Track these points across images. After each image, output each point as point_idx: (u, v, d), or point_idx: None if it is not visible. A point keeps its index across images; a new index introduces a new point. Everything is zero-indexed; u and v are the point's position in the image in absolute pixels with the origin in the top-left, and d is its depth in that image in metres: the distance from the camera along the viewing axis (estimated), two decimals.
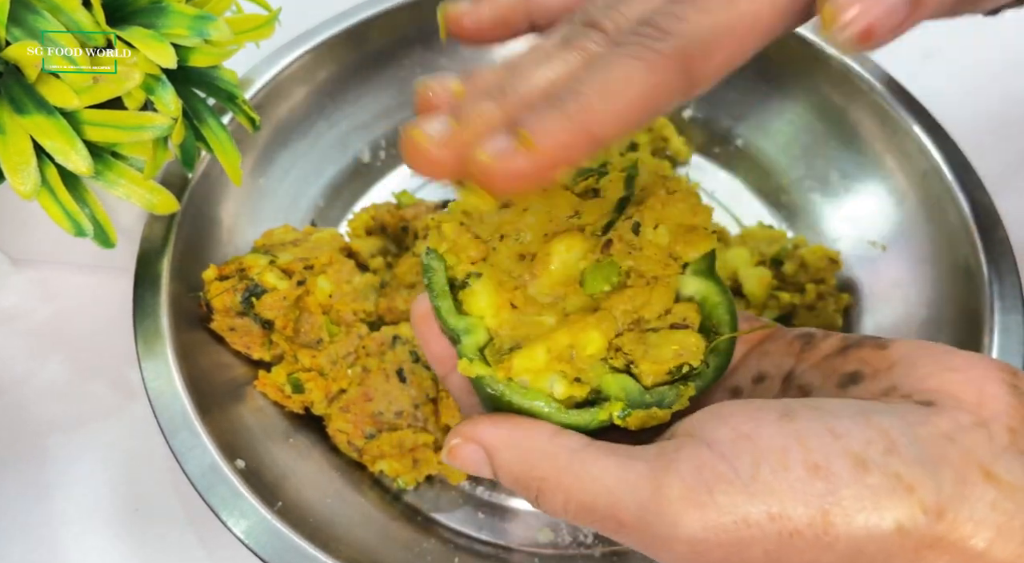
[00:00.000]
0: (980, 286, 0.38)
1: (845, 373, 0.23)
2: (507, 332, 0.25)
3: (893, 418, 0.20)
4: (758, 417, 0.21)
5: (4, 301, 0.47)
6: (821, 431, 0.20)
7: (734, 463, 0.20)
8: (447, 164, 0.21)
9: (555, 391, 0.24)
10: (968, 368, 0.22)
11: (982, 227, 0.39)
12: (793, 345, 0.25)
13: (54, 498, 0.41)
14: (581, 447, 0.22)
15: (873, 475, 0.19)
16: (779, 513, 0.19)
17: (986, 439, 0.20)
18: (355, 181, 0.51)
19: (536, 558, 0.38)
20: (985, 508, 0.19)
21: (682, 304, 0.25)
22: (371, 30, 0.49)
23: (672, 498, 0.20)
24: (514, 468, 0.23)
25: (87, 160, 0.32)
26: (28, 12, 0.31)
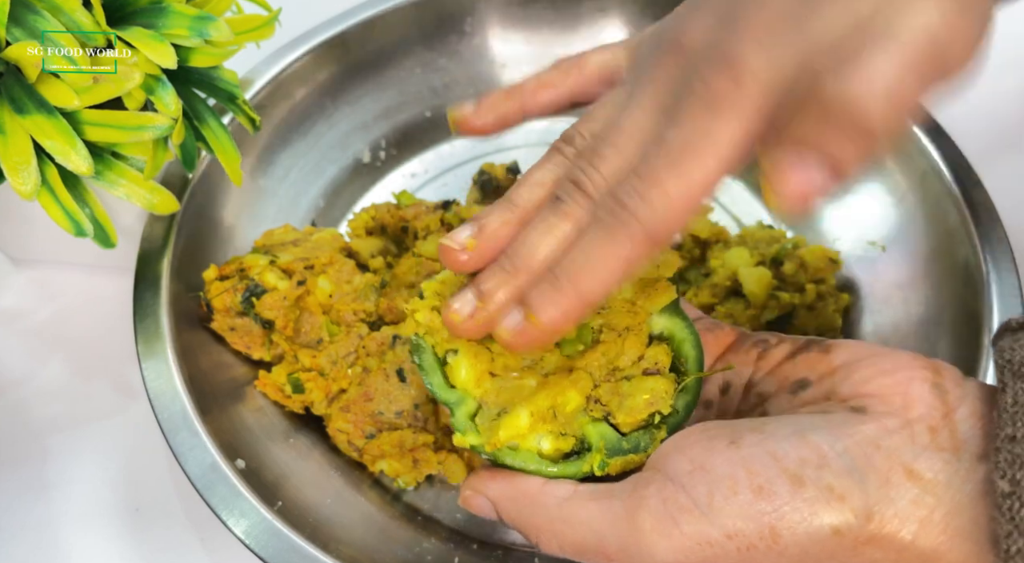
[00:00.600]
0: (980, 286, 0.38)
1: (795, 380, 0.27)
2: (493, 398, 0.28)
3: (825, 432, 0.24)
4: (710, 447, 0.24)
5: (4, 301, 0.47)
6: (763, 455, 0.24)
7: (692, 493, 0.24)
8: (478, 334, 0.27)
9: (543, 447, 0.27)
10: (896, 371, 0.25)
11: (982, 227, 0.39)
12: (750, 354, 0.29)
13: (54, 498, 0.41)
14: (567, 496, 0.26)
15: (808, 490, 0.23)
16: (734, 532, 0.23)
17: (909, 440, 0.23)
18: (355, 181, 0.52)
19: (535, 558, 0.38)
20: (908, 505, 0.22)
21: (653, 348, 0.28)
22: (371, 30, 0.49)
23: (646, 531, 0.24)
24: (514, 518, 0.27)
25: (87, 160, 0.32)
26: (28, 12, 0.31)
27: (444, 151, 0.53)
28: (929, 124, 0.43)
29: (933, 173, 0.42)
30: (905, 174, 0.44)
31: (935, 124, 0.43)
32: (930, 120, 0.44)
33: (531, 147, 0.54)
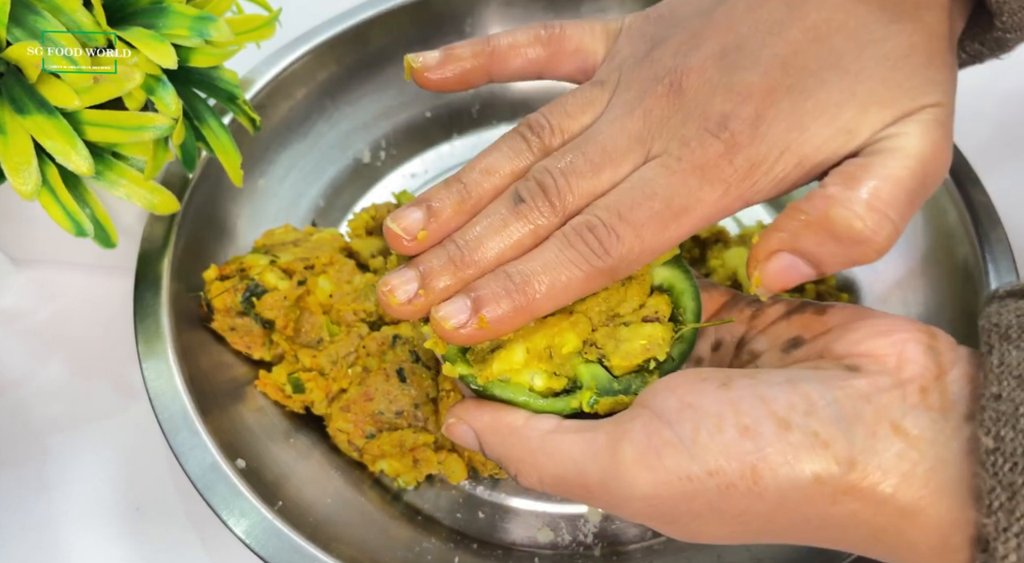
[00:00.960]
0: (979, 286, 0.38)
1: (788, 338, 0.27)
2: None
3: (817, 383, 0.24)
4: (701, 387, 0.24)
5: (4, 301, 0.47)
6: (752, 397, 0.24)
7: (677, 429, 0.24)
8: (415, 317, 0.27)
9: (535, 384, 0.27)
10: (892, 332, 0.25)
11: (981, 227, 0.39)
12: (744, 312, 0.29)
13: (54, 498, 0.41)
14: (551, 429, 0.26)
15: (794, 434, 0.23)
16: (716, 469, 0.23)
17: (899, 398, 0.23)
18: (355, 181, 0.52)
19: (536, 558, 0.38)
20: (892, 458, 0.22)
21: (654, 297, 0.28)
22: (371, 30, 0.49)
23: (627, 463, 0.24)
24: (496, 450, 0.27)
25: (88, 160, 0.32)
26: (29, 12, 0.31)
27: (444, 151, 0.53)
28: None
29: None
30: None
31: None
32: None
33: None
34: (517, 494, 0.41)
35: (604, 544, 0.39)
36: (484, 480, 0.41)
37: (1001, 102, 0.54)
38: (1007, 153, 0.51)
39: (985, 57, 0.32)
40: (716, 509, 0.23)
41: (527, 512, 0.40)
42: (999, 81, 0.55)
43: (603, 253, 0.26)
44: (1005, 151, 0.51)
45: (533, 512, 0.40)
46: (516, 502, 0.40)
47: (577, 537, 0.39)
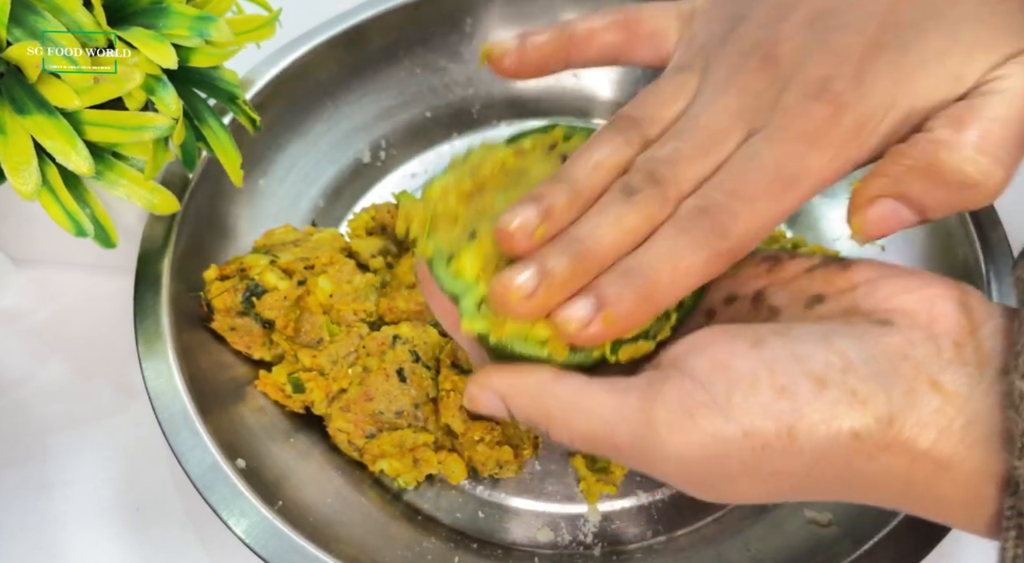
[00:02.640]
0: (979, 286, 0.38)
1: (811, 294, 0.26)
2: None
3: (851, 340, 0.23)
4: (732, 347, 0.24)
5: (4, 301, 0.47)
6: (786, 356, 0.23)
7: (711, 390, 0.23)
8: (536, 316, 0.25)
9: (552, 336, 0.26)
10: (922, 288, 0.24)
11: (981, 227, 0.39)
12: (760, 266, 0.28)
13: (54, 498, 0.41)
14: (580, 386, 0.25)
15: (831, 392, 0.22)
16: (751, 430, 0.22)
17: (934, 353, 0.23)
18: (355, 181, 0.52)
19: (536, 557, 0.38)
20: (929, 413, 0.22)
21: None
22: (371, 31, 0.49)
23: (660, 424, 0.23)
24: (525, 409, 0.26)
25: (88, 160, 0.32)
26: (29, 12, 0.31)
27: (444, 151, 0.53)
28: None
29: None
30: None
31: None
32: None
33: None
34: (517, 494, 0.41)
35: (604, 544, 0.39)
36: (484, 480, 0.41)
37: None
38: None
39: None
40: (750, 469, 0.23)
41: (527, 512, 0.40)
42: None
43: (721, 233, 0.25)
44: None
45: (533, 512, 0.40)
46: (516, 502, 0.40)
47: (577, 537, 0.39)
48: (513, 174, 0.29)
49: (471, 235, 0.28)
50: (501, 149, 0.30)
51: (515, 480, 0.41)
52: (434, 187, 0.29)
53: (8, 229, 0.45)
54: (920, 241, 0.43)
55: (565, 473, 0.41)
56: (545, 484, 0.41)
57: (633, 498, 0.40)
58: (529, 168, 0.29)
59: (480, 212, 0.28)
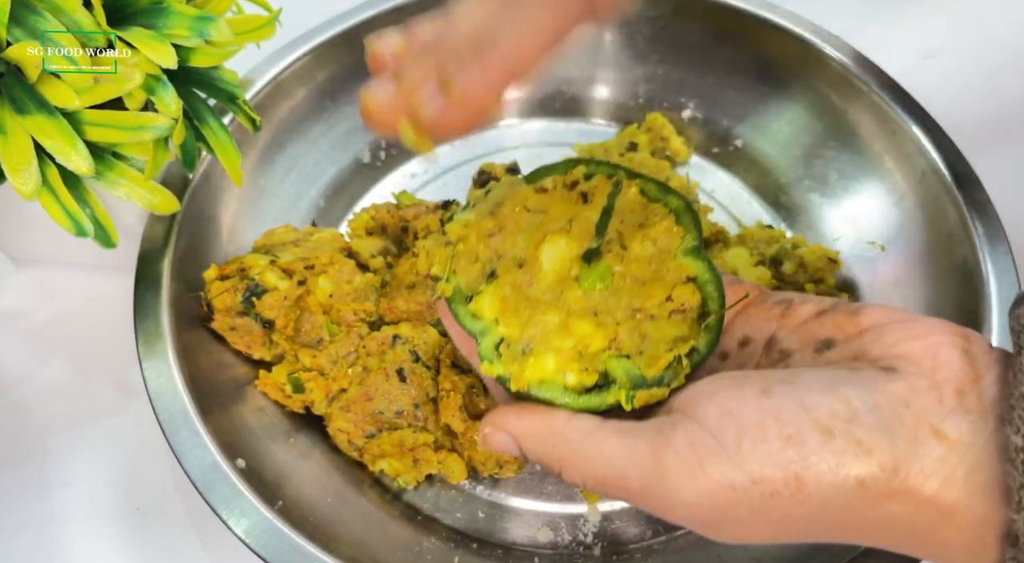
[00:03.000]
0: (979, 286, 0.38)
1: (821, 339, 0.27)
2: (517, 334, 0.28)
3: (856, 387, 0.24)
4: (740, 395, 0.24)
5: (5, 301, 0.47)
6: (793, 406, 0.24)
7: (720, 438, 0.24)
8: (394, 121, 0.26)
9: (568, 381, 0.27)
10: (927, 335, 0.25)
11: (981, 226, 0.39)
12: (773, 310, 0.29)
13: (54, 498, 0.41)
14: (592, 429, 0.26)
15: (837, 441, 0.23)
16: (760, 478, 0.23)
17: (937, 401, 0.23)
18: (355, 181, 0.52)
19: (536, 557, 0.38)
20: (933, 462, 0.23)
21: (680, 288, 0.28)
22: (371, 30, 0.49)
23: (670, 471, 0.24)
24: (538, 452, 0.27)
25: (88, 160, 0.32)
26: (29, 12, 0.31)
27: (443, 151, 0.53)
28: (928, 124, 0.43)
29: (932, 173, 0.42)
30: (904, 174, 0.44)
31: (934, 124, 0.43)
32: (929, 120, 0.44)
33: (531, 147, 0.54)
34: (517, 494, 0.41)
35: (604, 544, 0.39)
36: (484, 480, 0.41)
37: (1000, 102, 0.54)
38: (1006, 153, 0.51)
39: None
40: (758, 515, 0.23)
41: (527, 512, 0.40)
42: (998, 81, 0.55)
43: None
44: (1004, 151, 0.51)
45: (533, 512, 0.40)
46: (516, 502, 0.40)
47: (577, 537, 0.39)
48: (534, 213, 0.30)
49: (490, 275, 0.29)
50: (522, 187, 0.30)
51: (515, 480, 0.41)
52: (455, 226, 0.29)
53: (8, 229, 0.45)
54: (920, 241, 0.43)
55: None
56: (545, 484, 0.41)
57: None
58: (550, 207, 0.30)
59: (499, 252, 0.29)
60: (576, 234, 0.29)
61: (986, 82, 0.55)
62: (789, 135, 0.50)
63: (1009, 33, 0.56)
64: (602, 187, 0.29)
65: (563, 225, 0.29)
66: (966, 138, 0.43)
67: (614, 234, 0.29)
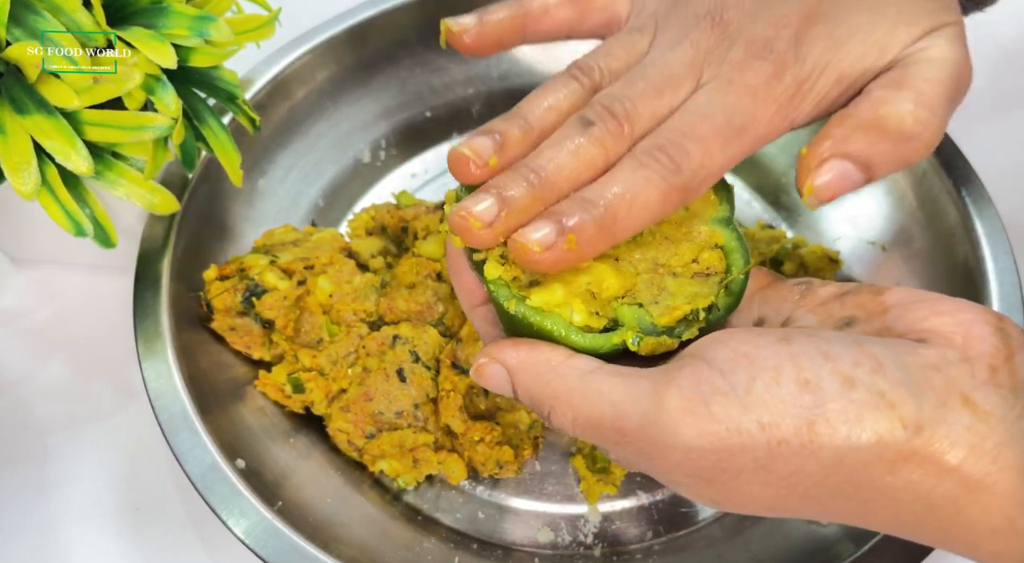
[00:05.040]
0: (980, 286, 0.38)
1: (842, 317, 0.25)
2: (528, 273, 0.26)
3: (884, 347, 0.22)
4: (757, 340, 0.23)
5: (4, 301, 0.47)
6: (814, 353, 0.22)
7: (730, 378, 0.22)
8: (493, 243, 0.26)
9: (574, 319, 0.25)
10: (957, 312, 0.24)
11: (981, 226, 0.39)
12: (792, 292, 0.27)
13: (54, 498, 0.41)
14: (592, 369, 0.24)
15: (859, 391, 0.21)
16: (769, 423, 0.21)
17: (968, 372, 0.22)
18: (355, 181, 0.52)
19: (536, 558, 0.38)
20: (961, 429, 0.21)
21: (708, 252, 0.27)
22: (371, 30, 0.49)
23: (671, 408, 0.22)
24: (531, 387, 0.25)
25: (87, 160, 0.32)
26: (28, 12, 0.31)
27: (444, 151, 0.53)
28: None
29: (933, 172, 0.42)
30: (905, 173, 0.44)
31: None
32: None
33: None
34: (517, 494, 0.41)
35: (604, 544, 0.39)
36: (484, 480, 0.41)
37: (999, 101, 0.54)
38: (1006, 153, 0.51)
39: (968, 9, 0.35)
40: (762, 468, 0.22)
41: (527, 512, 0.40)
42: (997, 81, 0.55)
43: (675, 169, 0.26)
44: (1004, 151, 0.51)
45: (533, 512, 0.40)
46: (516, 502, 0.40)
47: (577, 537, 0.39)
48: None
49: None
50: None
51: (515, 480, 0.41)
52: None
53: (8, 229, 0.45)
54: (920, 240, 0.43)
55: (565, 473, 0.41)
56: (545, 484, 0.41)
57: (633, 498, 0.40)
58: None
59: None
60: None
61: (985, 81, 0.55)
62: (789, 135, 0.50)
63: (1008, 30, 0.56)
64: None
65: None
66: (966, 137, 0.43)
67: None
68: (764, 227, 0.48)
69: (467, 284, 0.28)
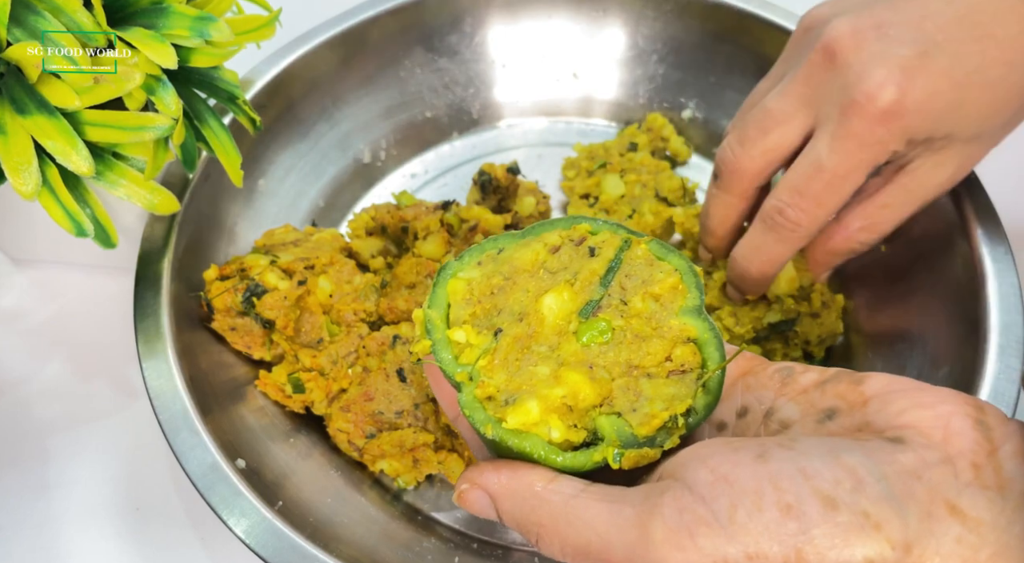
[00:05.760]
0: (979, 285, 0.38)
1: (822, 409, 0.25)
2: (504, 385, 0.26)
3: (861, 457, 0.22)
4: (735, 459, 0.22)
5: (5, 301, 0.47)
6: (793, 472, 0.22)
7: (712, 506, 0.22)
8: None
9: (552, 436, 0.25)
10: (936, 404, 0.23)
11: (980, 226, 0.39)
12: (773, 379, 0.27)
13: (54, 497, 0.41)
14: (574, 493, 0.24)
15: (842, 514, 0.21)
16: (755, 553, 0.21)
17: (951, 475, 0.21)
18: (355, 181, 0.52)
19: (536, 558, 0.38)
20: (951, 543, 0.20)
21: (681, 348, 0.27)
22: (371, 31, 0.49)
23: (657, 542, 0.22)
24: (515, 514, 0.25)
25: (88, 160, 0.32)
26: (29, 12, 0.31)
27: (444, 151, 0.54)
28: None
29: None
30: None
31: None
32: None
33: (531, 147, 0.54)
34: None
35: None
36: None
37: None
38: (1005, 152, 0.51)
39: None
40: None
41: None
42: None
43: (795, 226, 0.36)
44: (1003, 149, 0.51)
45: None
46: None
47: None
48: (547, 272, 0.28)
49: (496, 333, 0.27)
50: (533, 243, 0.29)
51: None
52: (458, 285, 0.28)
53: (8, 229, 0.45)
54: (920, 241, 0.43)
55: None
56: None
57: None
58: (566, 264, 0.29)
59: (499, 307, 0.28)
60: (579, 288, 0.27)
61: None
62: None
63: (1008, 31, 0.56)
64: (610, 241, 0.28)
65: (568, 277, 0.28)
66: None
67: (616, 289, 0.27)
68: None
69: (448, 396, 0.28)
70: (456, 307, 0.28)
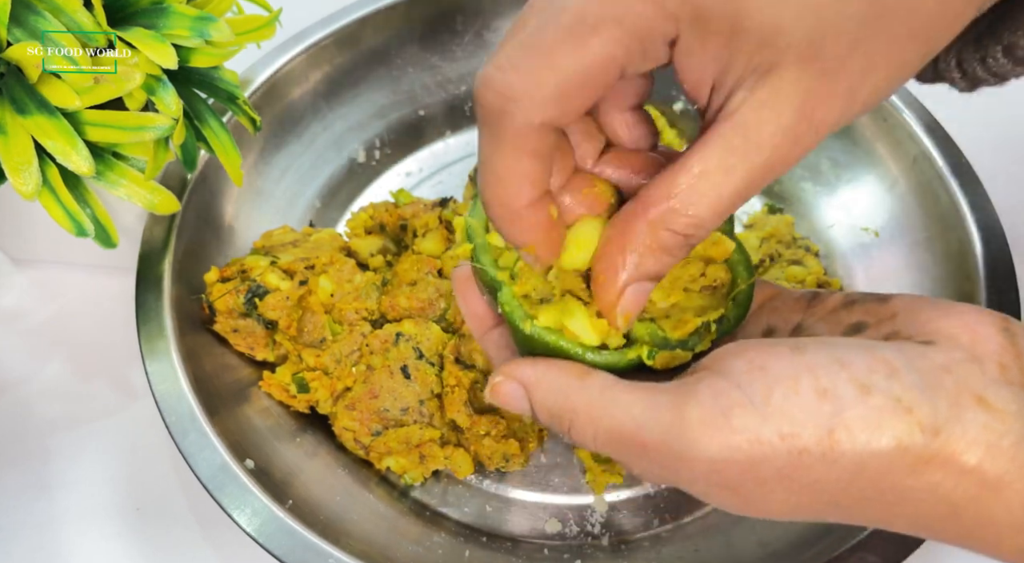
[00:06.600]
0: (973, 269, 0.39)
1: (850, 324, 0.25)
2: (539, 285, 0.26)
3: (895, 352, 0.22)
4: (770, 351, 0.23)
5: (5, 301, 0.47)
6: (829, 361, 0.22)
7: (748, 390, 0.22)
8: None
9: (587, 339, 0.25)
10: (963, 314, 0.24)
11: (973, 210, 0.40)
12: (800, 301, 0.28)
13: (55, 497, 0.41)
14: (610, 384, 0.24)
15: (875, 398, 0.21)
16: (789, 432, 0.21)
17: (979, 371, 0.22)
18: (351, 181, 0.52)
19: (545, 549, 0.39)
20: (977, 429, 0.21)
21: (713, 266, 0.28)
22: (365, 30, 0.49)
23: (692, 422, 0.22)
24: (549, 403, 0.25)
25: (88, 160, 0.32)
26: (29, 12, 0.31)
27: (439, 149, 0.54)
28: (918, 110, 0.44)
29: (924, 158, 0.43)
30: (896, 160, 0.45)
31: (924, 110, 0.44)
32: (919, 106, 0.44)
33: None
34: (524, 487, 0.41)
35: (612, 534, 0.39)
36: (491, 474, 0.41)
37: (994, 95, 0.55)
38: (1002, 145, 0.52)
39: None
40: (785, 476, 0.22)
41: (534, 504, 0.40)
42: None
43: None
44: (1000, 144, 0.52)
45: (540, 504, 0.40)
46: (523, 495, 0.41)
47: (585, 527, 0.40)
48: None
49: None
50: None
51: (521, 473, 0.41)
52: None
53: (8, 229, 0.45)
54: (913, 226, 0.43)
55: (571, 465, 0.41)
56: (551, 476, 0.41)
57: (639, 488, 0.40)
58: None
59: None
60: None
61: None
62: None
63: None
64: None
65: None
66: (960, 129, 0.43)
67: None
68: (771, 210, 0.48)
69: (477, 310, 0.28)
70: None
